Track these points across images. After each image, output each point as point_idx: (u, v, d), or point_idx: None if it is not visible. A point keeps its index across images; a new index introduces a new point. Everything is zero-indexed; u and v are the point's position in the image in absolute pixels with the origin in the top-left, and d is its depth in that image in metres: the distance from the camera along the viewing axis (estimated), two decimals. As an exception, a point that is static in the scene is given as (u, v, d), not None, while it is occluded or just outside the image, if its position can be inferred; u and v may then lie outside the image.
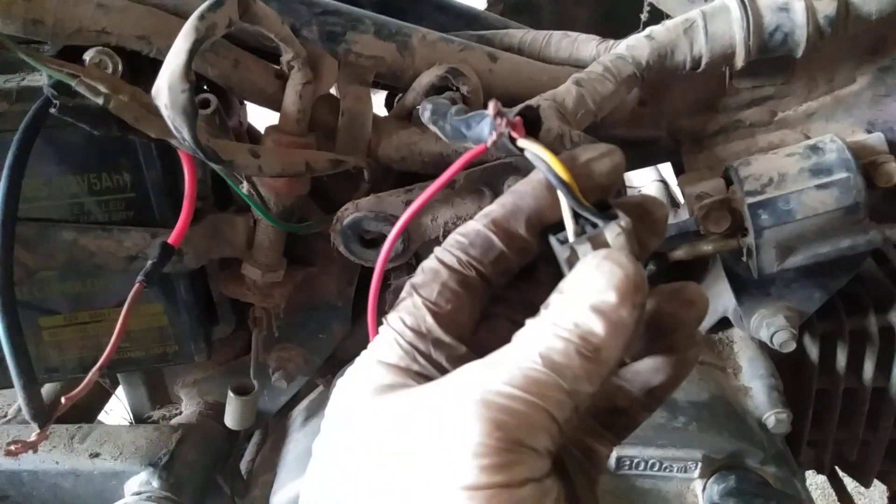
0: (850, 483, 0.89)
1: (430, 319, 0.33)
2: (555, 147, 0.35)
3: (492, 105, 0.33)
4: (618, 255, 0.29)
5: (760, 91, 0.63)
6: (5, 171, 0.50)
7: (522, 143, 0.33)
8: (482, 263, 0.34)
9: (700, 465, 0.62)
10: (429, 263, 0.34)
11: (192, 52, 0.44)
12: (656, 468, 0.63)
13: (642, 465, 0.63)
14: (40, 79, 0.54)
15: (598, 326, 0.28)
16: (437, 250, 0.35)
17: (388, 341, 0.33)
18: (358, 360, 0.34)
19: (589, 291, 0.29)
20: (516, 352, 0.29)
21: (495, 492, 0.25)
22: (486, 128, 0.36)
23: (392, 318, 0.33)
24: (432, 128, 0.52)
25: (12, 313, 0.48)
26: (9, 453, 0.47)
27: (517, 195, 0.34)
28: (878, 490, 1.63)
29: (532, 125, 0.34)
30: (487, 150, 0.35)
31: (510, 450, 0.26)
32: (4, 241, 0.48)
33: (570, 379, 0.28)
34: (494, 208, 0.34)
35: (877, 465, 0.82)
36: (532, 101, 0.54)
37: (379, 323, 0.35)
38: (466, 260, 0.34)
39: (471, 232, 0.34)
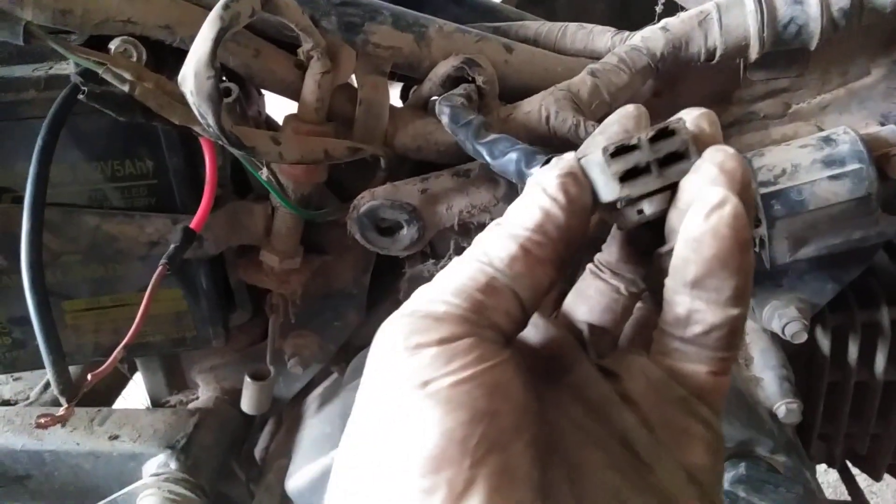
0: (862, 482, 0.89)
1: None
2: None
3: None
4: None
5: (774, 83, 0.64)
6: (34, 157, 0.51)
7: None
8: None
9: (711, 453, 0.63)
10: None
11: (218, 40, 0.45)
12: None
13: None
14: (67, 67, 0.55)
15: (521, 210, 0.29)
16: None
17: None
18: None
19: None
20: None
21: (434, 347, 0.25)
22: (510, 166, 0.41)
23: None
24: (452, 134, 0.53)
25: (42, 291, 0.49)
26: (39, 426, 0.49)
27: None
28: (891, 489, 1.63)
29: None
30: None
31: (428, 316, 0.26)
32: (34, 223, 0.50)
33: (482, 253, 0.28)
34: None
35: (887, 459, 0.82)
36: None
37: None
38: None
39: None
